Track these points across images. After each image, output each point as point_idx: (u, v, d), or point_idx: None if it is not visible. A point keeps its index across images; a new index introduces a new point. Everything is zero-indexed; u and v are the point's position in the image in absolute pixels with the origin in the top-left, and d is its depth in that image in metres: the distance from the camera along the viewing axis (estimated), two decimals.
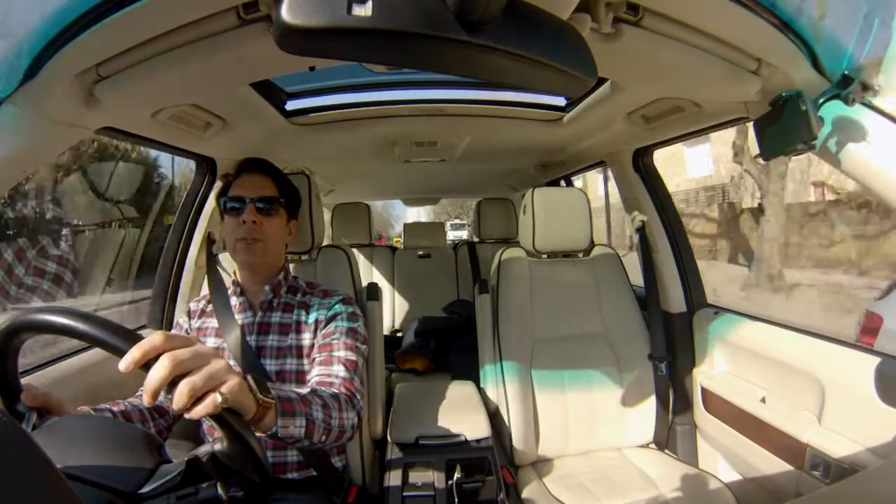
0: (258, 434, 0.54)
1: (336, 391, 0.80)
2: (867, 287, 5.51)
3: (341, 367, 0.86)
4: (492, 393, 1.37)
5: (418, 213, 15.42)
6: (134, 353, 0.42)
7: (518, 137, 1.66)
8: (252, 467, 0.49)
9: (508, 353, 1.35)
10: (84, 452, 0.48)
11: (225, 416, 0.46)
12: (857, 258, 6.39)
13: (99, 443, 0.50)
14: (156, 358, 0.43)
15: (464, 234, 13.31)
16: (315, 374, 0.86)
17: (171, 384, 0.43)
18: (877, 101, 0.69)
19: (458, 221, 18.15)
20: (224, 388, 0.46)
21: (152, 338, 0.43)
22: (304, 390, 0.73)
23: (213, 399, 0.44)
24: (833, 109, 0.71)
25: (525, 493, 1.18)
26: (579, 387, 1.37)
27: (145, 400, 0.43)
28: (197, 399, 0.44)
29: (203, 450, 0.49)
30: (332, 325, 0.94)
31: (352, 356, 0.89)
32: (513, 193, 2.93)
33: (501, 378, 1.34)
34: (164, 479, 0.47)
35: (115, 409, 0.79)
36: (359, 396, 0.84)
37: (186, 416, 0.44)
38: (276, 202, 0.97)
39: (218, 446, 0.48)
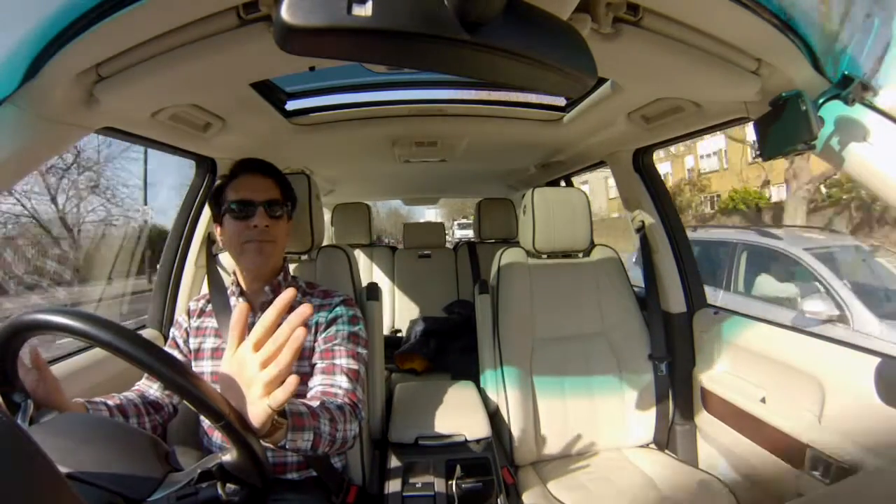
0: (266, 445, 0.56)
1: (341, 402, 0.80)
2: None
3: (344, 378, 0.86)
4: (492, 393, 1.37)
5: (435, 215, 15.88)
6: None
7: (518, 137, 1.66)
8: (256, 473, 0.51)
9: (508, 353, 1.35)
10: (91, 455, 0.48)
11: (238, 430, 0.49)
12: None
13: (106, 446, 0.51)
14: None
15: (470, 233, 13.37)
16: (318, 383, 0.85)
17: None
18: (877, 101, 0.69)
19: (464, 221, 18.07)
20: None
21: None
22: (315, 403, 0.73)
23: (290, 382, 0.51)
24: (833, 109, 0.71)
25: (525, 494, 1.17)
26: (579, 387, 1.37)
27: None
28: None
29: (212, 461, 0.51)
30: (333, 329, 0.93)
31: (353, 364, 0.89)
32: (513, 193, 2.93)
33: (501, 378, 1.33)
34: (173, 488, 0.49)
35: (110, 402, 0.79)
36: (361, 406, 0.84)
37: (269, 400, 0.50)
38: (283, 205, 0.97)
39: (227, 458, 0.51)
